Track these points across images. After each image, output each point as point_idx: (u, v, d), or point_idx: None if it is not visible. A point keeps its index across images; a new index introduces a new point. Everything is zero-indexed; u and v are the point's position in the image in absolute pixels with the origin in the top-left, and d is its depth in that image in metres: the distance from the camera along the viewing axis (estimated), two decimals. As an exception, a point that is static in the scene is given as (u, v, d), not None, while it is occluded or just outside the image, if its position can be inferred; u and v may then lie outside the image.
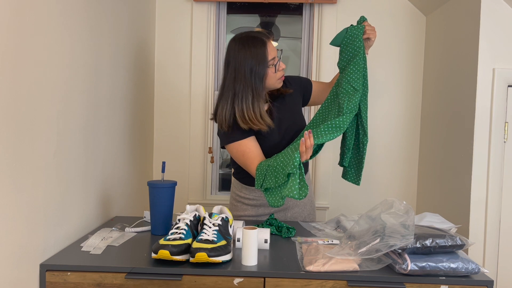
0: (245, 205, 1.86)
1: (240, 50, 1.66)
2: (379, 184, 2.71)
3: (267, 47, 1.67)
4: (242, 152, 1.70)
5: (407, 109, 2.69)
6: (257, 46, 1.65)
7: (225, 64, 1.71)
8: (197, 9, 2.67)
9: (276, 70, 1.69)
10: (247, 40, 1.67)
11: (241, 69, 1.65)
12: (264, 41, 1.67)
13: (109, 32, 1.89)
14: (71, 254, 1.41)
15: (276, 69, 1.69)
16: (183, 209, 2.47)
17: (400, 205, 1.37)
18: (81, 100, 1.62)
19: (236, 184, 1.91)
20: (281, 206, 1.64)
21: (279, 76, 1.72)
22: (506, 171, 2.04)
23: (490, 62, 2.00)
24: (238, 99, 1.66)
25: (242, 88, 1.65)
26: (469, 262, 1.28)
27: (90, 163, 1.71)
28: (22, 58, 1.23)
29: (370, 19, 2.66)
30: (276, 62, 1.69)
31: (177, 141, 2.73)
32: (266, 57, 1.66)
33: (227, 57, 1.70)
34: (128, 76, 2.17)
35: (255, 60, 1.64)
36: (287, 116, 1.79)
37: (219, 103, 1.70)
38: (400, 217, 1.33)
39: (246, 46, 1.66)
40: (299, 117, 1.84)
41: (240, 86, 1.65)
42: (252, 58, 1.64)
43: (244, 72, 1.65)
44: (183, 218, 1.42)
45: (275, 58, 1.69)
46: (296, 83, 1.88)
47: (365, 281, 1.27)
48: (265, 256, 1.40)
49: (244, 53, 1.65)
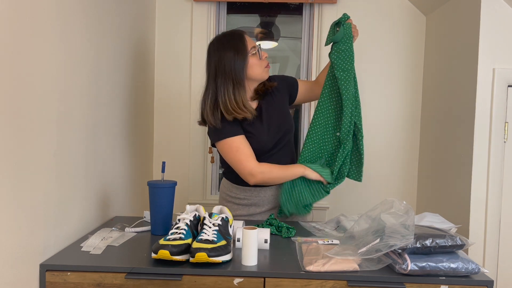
0: (236, 205, 1.87)
1: (219, 47, 1.72)
2: (379, 184, 2.71)
3: (245, 38, 1.73)
4: (236, 148, 1.71)
5: (407, 109, 2.69)
6: (235, 38, 1.72)
7: (207, 66, 1.76)
8: (197, 9, 2.67)
9: (260, 57, 1.75)
10: (224, 37, 1.75)
11: (221, 63, 1.70)
12: (241, 34, 1.74)
13: (109, 32, 1.89)
14: (71, 254, 1.41)
15: (260, 55, 1.75)
16: (183, 209, 2.47)
17: (400, 205, 1.37)
18: (81, 100, 1.62)
19: (226, 184, 1.91)
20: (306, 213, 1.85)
21: (264, 64, 1.77)
22: (506, 171, 2.04)
23: (490, 62, 2.00)
24: (220, 92, 1.71)
25: (224, 80, 1.70)
26: (469, 262, 1.28)
27: (90, 163, 1.71)
28: (22, 58, 1.23)
29: (370, 19, 2.66)
30: (255, 52, 1.74)
31: (177, 141, 2.73)
32: (245, 46, 1.72)
33: (207, 59, 1.76)
34: (128, 76, 2.17)
35: (235, 51, 1.70)
36: (276, 114, 1.83)
37: (203, 101, 1.75)
38: (400, 217, 1.33)
39: (224, 41, 1.73)
40: (287, 115, 1.87)
41: (222, 79, 1.70)
42: (232, 50, 1.70)
43: (224, 65, 1.70)
44: (183, 218, 1.42)
45: (255, 47, 1.75)
46: (281, 81, 1.91)
47: (365, 281, 1.27)
48: (265, 256, 1.40)
49: (223, 48, 1.71)
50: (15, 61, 1.20)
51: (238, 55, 1.69)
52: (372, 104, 2.69)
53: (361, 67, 2.68)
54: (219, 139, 1.73)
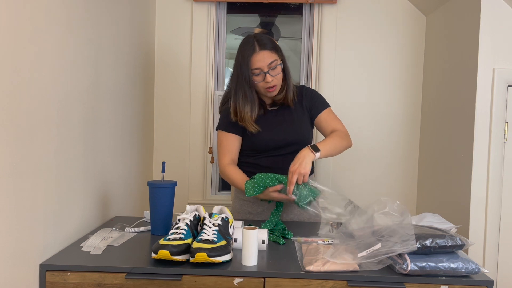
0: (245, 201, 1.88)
1: (238, 49, 1.77)
2: (379, 184, 2.71)
3: (254, 56, 1.71)
4: (220, 141, 1.85)
5: (407, 109, 2.69)
6: (247, 50, 1.72)
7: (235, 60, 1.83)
8: (197, 9, 2.67)
9: (256, 81, 1.73)
10: (243, 42, 1.76)
11: (235, 68, 1.77)
12: (255, 49, 1.71)
13: (109, 32, 1.89)
14: (71, 254, 1.41)
15: (264, 78, 1.72)
16: (183, 209, 2.46)
17: (393, 205, 1.37)
18: (81, 100, 1.61)
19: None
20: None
21: (264, 86, 1.74)
22: (506, 171, 2.04)
23: (490, 62, 2.00)
24: (234, 94, 1.77)
25: (236, 86, 1.76)
26: (469, 262, 1.28)
27: (90, 163, 1.71)
28: (22, 57, 1.23)
29: (370, 19, 2.66)
30: (258, 73, 1.72)
31: (177, 141, 2.73)
32: (249, 64, 1.71)
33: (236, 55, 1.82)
34: (128, 76, 2.17)
35: (242, 63, 1.73)
36: (285, 123, 1.82)
37: (226, 91, 1.88)
38: (395, 218, 1.33)
39: (241, 47, 1.76)
40: (298, 128, 1.83)
41: (234, 84, 1.77)
42: (240, 60, 1.73)
43: (236, 72, 1.76)
44: (183, 218, 1.42)
45: (260, 69, 1.71)
46: (307, 96, 1.88)
47: (365, 281, 1.27)
48: (264, 256, 1.40)
49: (238, 53, 1.76)
50: (15, 60, 1.20)
51: (241, 68, 1.72)
52: (372, 104, 2.69)
53: (361, 67, 2.68)
54: (217, 127, 1.89)
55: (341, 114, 2.51)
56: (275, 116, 1.84)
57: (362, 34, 2.66)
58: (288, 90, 1.80)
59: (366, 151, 2.70)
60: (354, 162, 2.71)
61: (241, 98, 1.74)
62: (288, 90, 1.80)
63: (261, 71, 1.71)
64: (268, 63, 1.71)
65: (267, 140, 1.80)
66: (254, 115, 1.77)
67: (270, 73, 1.72)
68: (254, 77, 1.73)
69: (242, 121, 1.76)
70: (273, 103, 1.86)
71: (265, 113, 1.83)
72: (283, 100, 1.82)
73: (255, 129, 1.77)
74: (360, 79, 2.69)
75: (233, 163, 1.84)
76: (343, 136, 1.80)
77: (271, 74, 1.72)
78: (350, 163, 2.70)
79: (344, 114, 2.66)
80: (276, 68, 1.73)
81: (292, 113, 1.84)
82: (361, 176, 2.71)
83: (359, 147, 2.69)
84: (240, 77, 1.73)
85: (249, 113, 1.75)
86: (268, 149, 1.82)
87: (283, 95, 1.81)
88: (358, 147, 2.69)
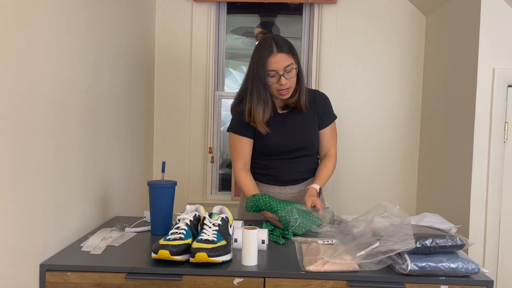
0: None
1: (255, 50, 1.77)
2: (379, 184, 2.71)
3: (271, 58, 1.70)
4: (233, 145, 1.85)
5: (407, 109, 2.69)
6: (264, 51, 1.72)
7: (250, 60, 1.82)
8: (197, 9, 2.67)
9: (270, 83, 1.73)
10: (261, 42, 1.76)
11: (251, 68, 1.77)
12: (272, 51, 1.71)
13: (109, 32, 1.89)
14: (71, 254, 1.41)
15: (279, 80, 1.72)
16: (183, 209, 2.47)
17: (393, 209, 1.37)
18: (81, 100, 1.62)
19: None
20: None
21: (277, 88, 1.75)
22: (506, 171, 2.04)
23: (490, 62, 2.00)
24: (249, 95, 1.77)
25: (251, 86, 1.76)
26: (469, 262, 1.28)
27: (90, 163, 1.71)
28: (22, 57, 1.23)
29: (370, 19, 2.66)
30: (273, 75, 1.71)
31: (177, 141, 2.73)
32: (265, 65, 1.71)
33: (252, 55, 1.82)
34: (128, 76, 2.17)
35: (258, 64, 1.72)
36: (294, 127, 1.83)
37: (243, 90, 1.83)
38: (395, 220, 1.34)
39: (258, 47, 1.76)
40: (307, 133, 1.85)
41: (250, 84, 1.77)
42: (257, 60, 1.73)
43: (252, 72, 1.76)
44: (183, 218, 1.42)
45: (276, 71, 1.71)
46: (321, 102, 1.89)
47: (365, 281, 1.27)
48: (264, 256, 1.40)
49: (255, 53, 1.76)
50: (15, 60, 1.20)
51: (257, 69, 1.72)
52: (372, 104, 2.69)
53: (361, 67, 2.68)
54: (229, 129, 1.89)
55: (341, 114, 2.52)
56: (284, 119, 1.84)
57: (362, 34, 2.66)
58: (301, 94, 1.80)
59: (366, 150, 2.70)
60: (354, 162, 2.71)
61: (255, 98, 1.75)
62: (301, 94, 1.80)
63: (276, 73, 1.71)
64: (284, 66, 1.71)
65: (273, 143, 1.81)
66: (266, 117, 1.77)
67: (285, 76, 1.71)
68: (269, 78, 1.73)
69: (253, 122, 1.77)
70: (285, 106, 1.85)
71: (275, 116, 1.83)
72: (296, 103, 1.82)
73: (265, 130, 1.78)
74: (360, 79, 2.69)
75: (246, 168, 1.86)
76: (334, 165, 1.91)
77: (286, 77, 1.72)
78: (350, 163, 2.70)
79: (344, 113, 2.66)
80: (291, 72, 1.73)
81: (302, 118, 1.85)
82: (361, 176, 2.71)
83: (359, 147, 2.69)
84: (256, 78, 1.73)
85: (261, 113, 1.76)
86: (274, 153, 1.83)
87: (295, 99, 1.80)
88: (358, 147, 2.69)
